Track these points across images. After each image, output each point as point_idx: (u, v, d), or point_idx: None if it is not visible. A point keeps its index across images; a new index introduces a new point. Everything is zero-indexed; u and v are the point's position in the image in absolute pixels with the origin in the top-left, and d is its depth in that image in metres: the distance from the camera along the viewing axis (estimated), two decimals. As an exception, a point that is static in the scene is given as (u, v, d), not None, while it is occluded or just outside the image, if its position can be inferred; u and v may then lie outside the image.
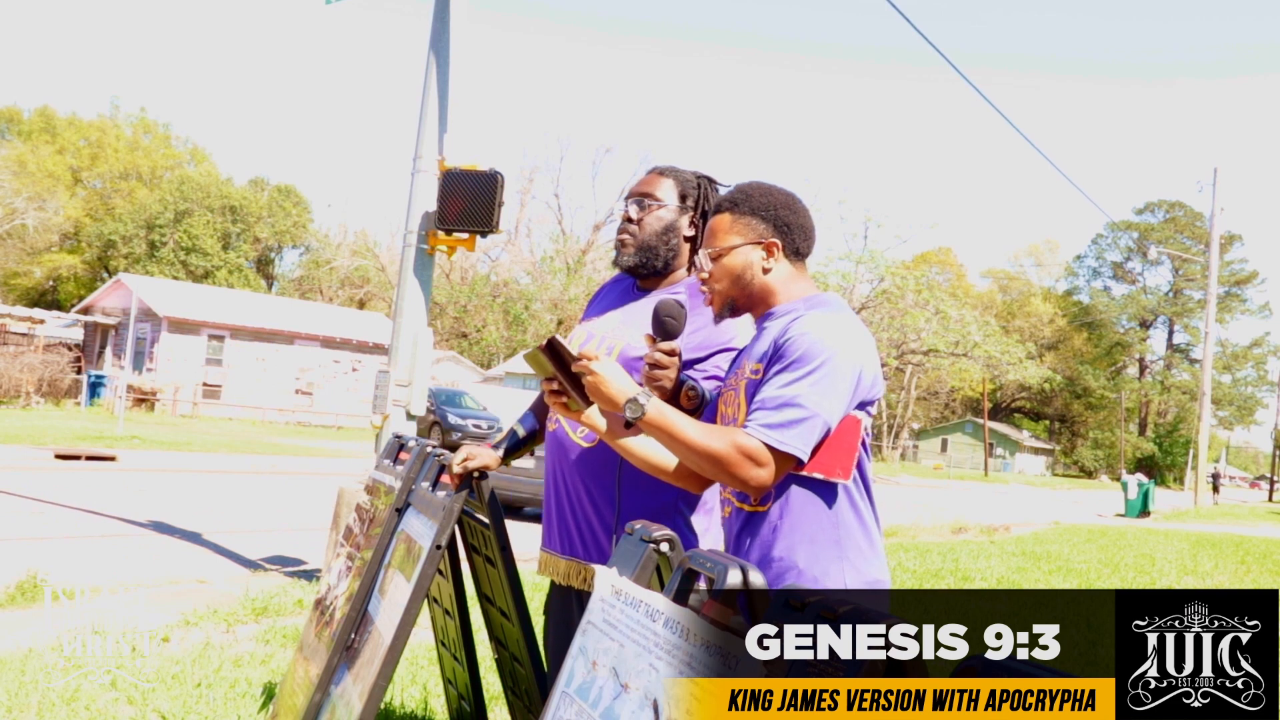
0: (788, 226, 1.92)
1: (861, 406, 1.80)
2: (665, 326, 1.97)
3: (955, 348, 33.35)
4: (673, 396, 2.00)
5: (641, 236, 2.28)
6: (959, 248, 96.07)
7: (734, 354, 2.13)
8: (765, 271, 1.91)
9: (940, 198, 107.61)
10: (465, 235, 5.81)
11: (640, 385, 1.81)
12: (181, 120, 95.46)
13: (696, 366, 2.17)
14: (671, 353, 1.96)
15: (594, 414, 1.90)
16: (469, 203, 5.62)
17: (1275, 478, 51.59)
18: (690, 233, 2.29)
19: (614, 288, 2.43)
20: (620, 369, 1.81)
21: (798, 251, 1.94)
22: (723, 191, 2.12)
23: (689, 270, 2.31)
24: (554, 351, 1.83)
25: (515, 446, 2.49)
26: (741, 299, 1.93)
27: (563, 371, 1.85)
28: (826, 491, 1.78)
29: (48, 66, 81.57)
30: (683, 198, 2.30)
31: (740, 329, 2.16)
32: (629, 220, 2.30)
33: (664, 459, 1.94)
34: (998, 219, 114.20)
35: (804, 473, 1.75)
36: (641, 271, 2.31)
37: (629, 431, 1.89)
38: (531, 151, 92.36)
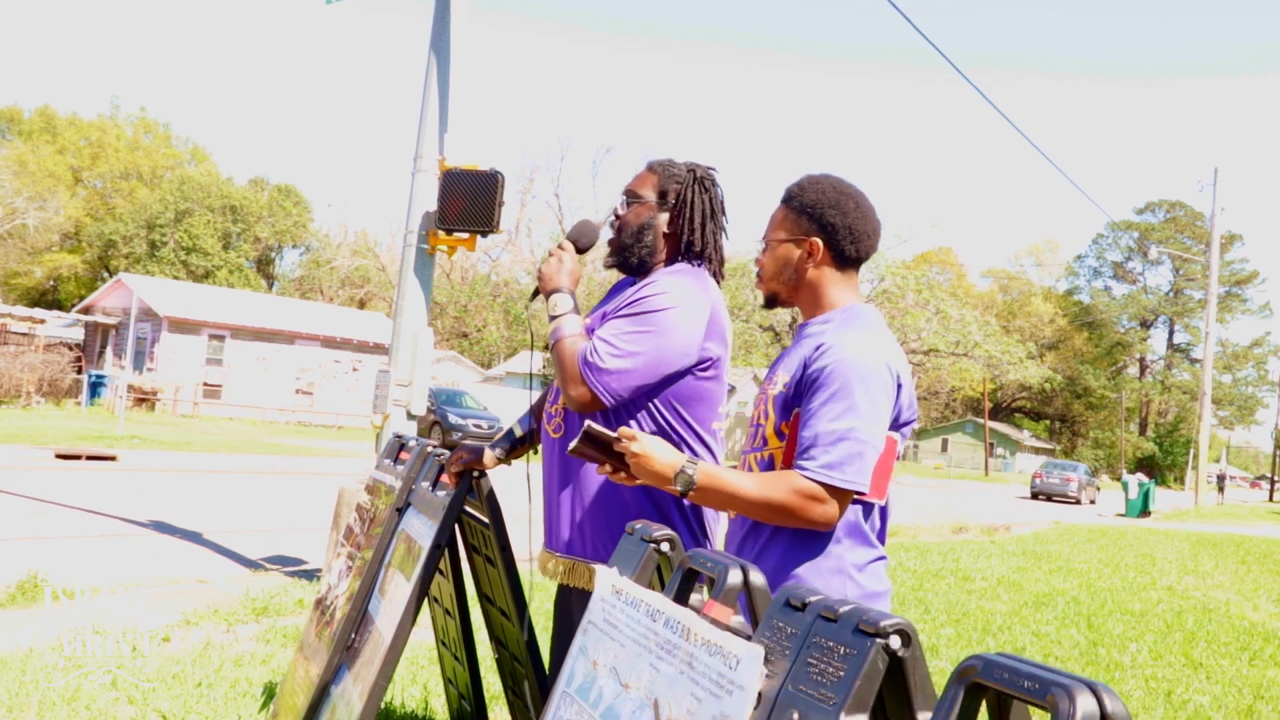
0: (833, 228, 1.86)
1: (896, 426, 1.79)
2: (574, 240, 2.33)
3: (956, 347, 33.35)
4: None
5: (621, 237, 2.31)
6: (959, 248, 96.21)
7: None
8: (805, 271, 1.88)
9: (940, 198, 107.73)
10: (465, 235, 5.80)
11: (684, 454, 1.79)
12: (181, 120, 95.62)
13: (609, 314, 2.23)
14: (561, 248, 2.30)
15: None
16: (469, 202, 5.62)
17: (1276, 478, 51.55)
18: (671, 229, 2.28)
19: (620, 285, 2.45)
20: (661, 442, 1.78)
21: (844, 254, 1.88)
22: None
23: (681, 258, 2.29)
24: (592, 439, 1.82)
25: (512, 446, 2.50)
26: (783, 293, 1.93)
27: (605, 452, 1.83)
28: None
29: (48, 66, 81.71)
30: (662, 194, 2.28)
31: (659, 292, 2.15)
32: (617, 217, 2.32)
33: None
34: (998, 219, 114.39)
35: None
36: (623, 270, 2.34)
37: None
38: (531, 151, 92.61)
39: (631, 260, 2.29)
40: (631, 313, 2.14)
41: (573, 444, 1.84)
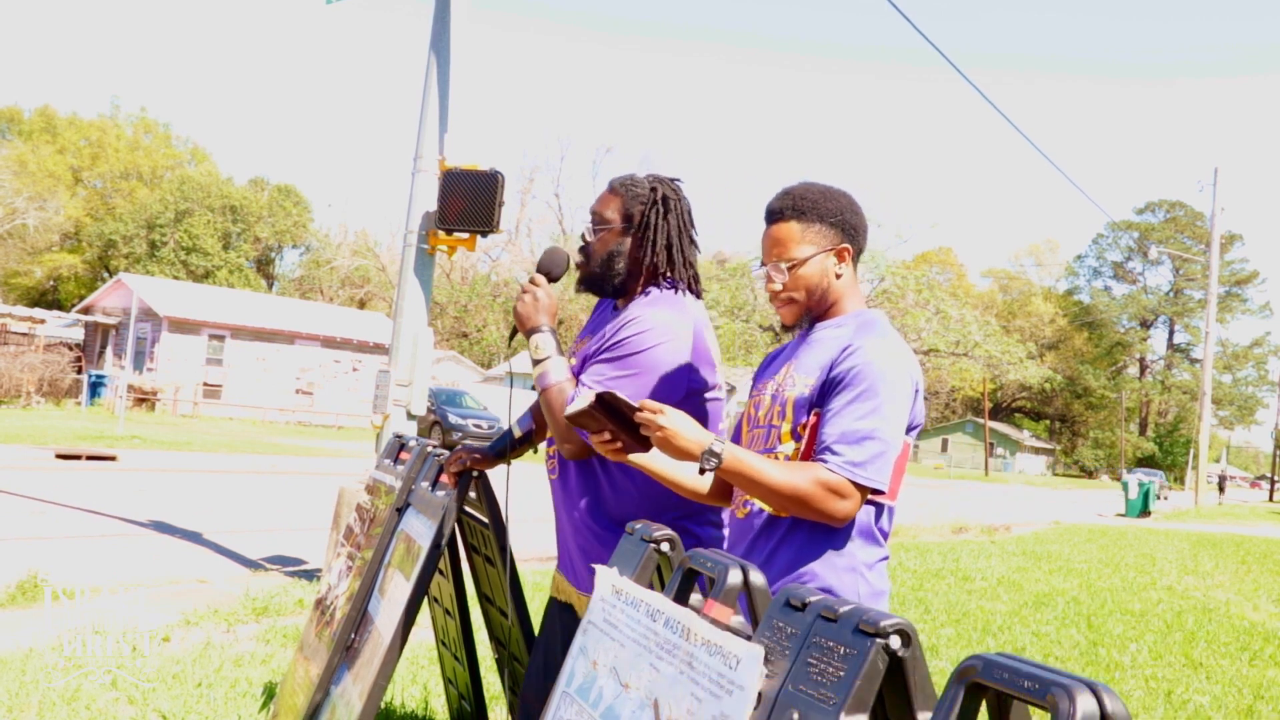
0: (854, 230, 1.90)
1: (906, 431, 1.82)
2: (546, 271, 2.26)
3: (956, 347, 33.32)
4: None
5: (590, 265, 2.25)
6: (959, 248, 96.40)
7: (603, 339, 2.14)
8: (838, 277, 1.90)
9: (940, 198, 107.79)
10: (465, 235, 5.80)
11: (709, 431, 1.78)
12: (181, 120, 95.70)
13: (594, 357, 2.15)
14: (534, 282, 2.23)
15: (649, 456, 1.87)
16: (469, 202, 5.62)
17: (1276, 478, 51.53)
18: (638, 254, 2.21)
19: (603, 305, 2.40)
20: (688, 418, 1.75)
21: (860, 254, 1.94)
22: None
23: (655, 281, 2.21)
24: (605, 405, 1.79)
25: (510, 447, 2.49)
26: (817, 308, 1.92)
27: (616, 421, 1.80)
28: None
29: (48, 66, 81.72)
30: (627, 217, 2.22)
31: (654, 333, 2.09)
32: (585, 243, 2.26)
33: (700, 482, 1.95)
34: (998, 219, 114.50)
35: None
36: (597, 296, 2.30)
37: (679, 467, 1.90)
38: (531, 151, 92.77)
39: (606, 289, 2.25)
40: (613, 356, 2.10)
41: (576, 410, 1.79)
